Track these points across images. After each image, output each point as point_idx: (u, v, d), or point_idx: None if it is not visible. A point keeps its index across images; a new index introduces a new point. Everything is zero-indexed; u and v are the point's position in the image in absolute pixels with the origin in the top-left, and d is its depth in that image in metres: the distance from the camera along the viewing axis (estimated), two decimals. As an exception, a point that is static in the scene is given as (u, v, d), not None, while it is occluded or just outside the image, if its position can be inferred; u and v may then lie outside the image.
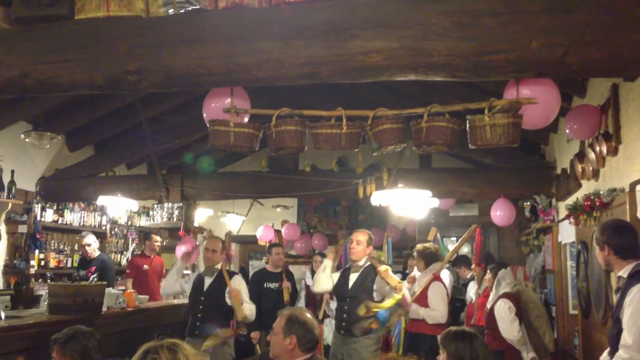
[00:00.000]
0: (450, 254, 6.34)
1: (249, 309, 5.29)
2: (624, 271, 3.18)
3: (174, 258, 8.30)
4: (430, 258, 6.03)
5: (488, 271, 5.82)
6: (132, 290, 6.35)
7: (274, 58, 3.20)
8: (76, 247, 7.82)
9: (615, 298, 3.30)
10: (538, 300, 6.23)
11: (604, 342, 4.54)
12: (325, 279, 5.44)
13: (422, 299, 5.72)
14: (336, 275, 5.46)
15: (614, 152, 4.34)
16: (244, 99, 4.03)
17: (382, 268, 5.14)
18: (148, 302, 6.51)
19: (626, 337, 2.97)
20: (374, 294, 5.16)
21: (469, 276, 7.29)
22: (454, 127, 3.79)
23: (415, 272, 6.41)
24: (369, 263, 5.28)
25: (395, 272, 6.39)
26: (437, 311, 5.64)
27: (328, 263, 5.49)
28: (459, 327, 3.43)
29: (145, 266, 7.71)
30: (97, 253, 7.21)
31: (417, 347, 5.62)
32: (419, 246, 6.31)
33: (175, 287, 5.69)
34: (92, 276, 6.21)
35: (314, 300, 7.48)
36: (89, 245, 7.11)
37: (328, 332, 7.10)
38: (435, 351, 5.17)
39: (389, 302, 4.93)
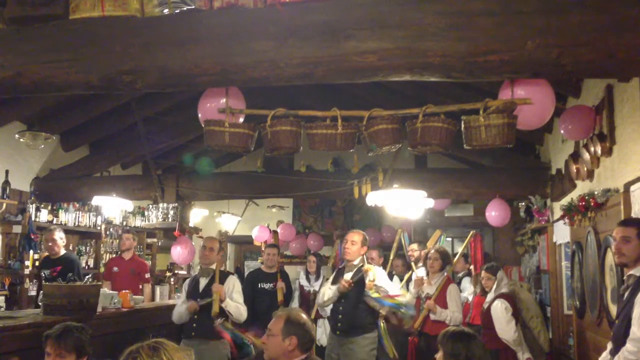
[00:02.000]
0: (456, 260, 6.33)
1: (234, 307, 5.23)
2: (637, 270, 3.20)
3: (169, 258, 8.28)
4: (447, 260, 6.00)
5: (483, 271, 5.83)
6: (127, 291, 6.33)
7: (269, 58, 3.19)
8: (46, 244, 6.74)
9: (624, 296, 3.29)
10: (533, 300, 6.25)
11: (599, 342, 4.57)
12: (330, 297, 5.38)
13: (441, 301, 5.68)
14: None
15: (608, 152, 4.36)
16: (239, 99, 4.03)
17: (366, 267, 5.17)
18: None
19: (635, 331, 2.99)
20: (367, 297, 5.17)
21: (460, 274, 7.30)
22: (449, 127, 3.80)
23: (417, 273, 6.39)
24: (362, 263, 5.29)
25: (389, 272, 6.41)
26: (457, 312, 5.61)
27: (335, 290, 5.38)
28: (458, 327, 3.44)
29: (115, 268, 7.23)
30: (62, 251, 6.64)
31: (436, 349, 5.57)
32: (437, 247, 6.27)
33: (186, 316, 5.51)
34: (56, 275, 6.08)
35: (308, 301, 7.49)
36: (61, 238, 6.60)
37: (321, 333, 7.11)
38: None
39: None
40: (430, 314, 5.62)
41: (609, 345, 3.39)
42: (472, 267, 7.07)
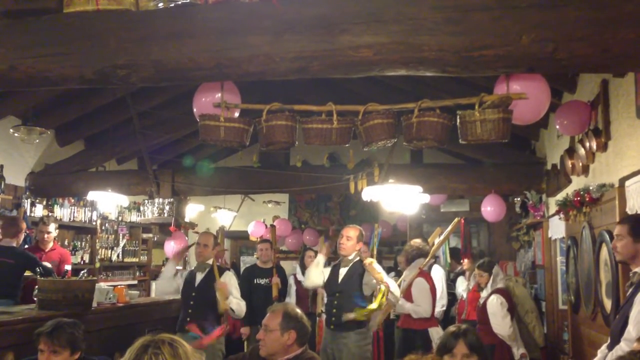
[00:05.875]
0: (434, 249, 6.33)
1: (236, 304, 5.26)
2: None
3: (164, 253, 8.27)
4: (411, 255, 6.03)
5: (476, 268, 5.84)
6: (123, 286, 6.31)
7: (264, 52, 3.18)
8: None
9: (628, 292, 3.29)
10: (528, 295, 6.27)
11: (593, 337, 4.59)
12: (316, 274, 5.43)
13: (407, 295, 5.74)
14: (326, 271, 5.47)
15: (603, 147, 4.37)
16: (234, 94, 4.02)
17: (368, 261, 5.18)
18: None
19: (630, 331, 2.99)
20: (364, 288, 5.19)
21: (457, 269, 7.33)
22: (445, 122, 3.79)
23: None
24: (358, 258, 5.30)
25: (386, 267, 6.42)
26: (421, 306, 5.64)
27: (321, 258, 5.48)
28: (454, 325, 3.46)
29: None
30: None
31: (411, 342, 5.64)
32: (407, 244, 6.33)
33: (169, 288, 5.63)
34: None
35: (305, 296, 7.50)
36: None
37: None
38: (428, 345, 5.25)
39: (375, 305, 4.97)
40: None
41: (609, 339, 3.39)
42: (464, 261, 7.07)
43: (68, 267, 6.67)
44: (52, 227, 6.65)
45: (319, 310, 7.02)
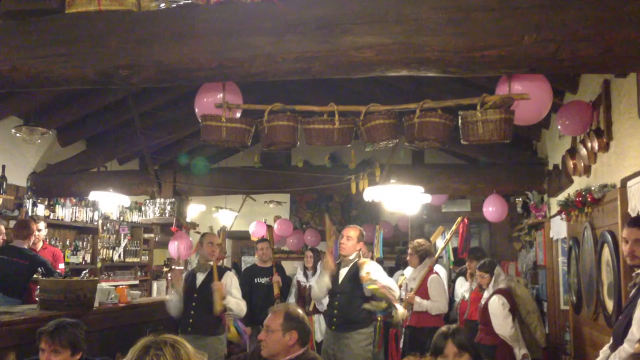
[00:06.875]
0: (441, 248, 6.36)
1: (235, 303, 5.24)
2: None
3: (166, 253, 8.26)
4: (423, 254, 6.05)
5: (477, 270, 5.85)
6: (125, 286, 6.31)
7: (266, 53, 3.18)
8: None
9: (630, 293, 3.26)
10: (529, 296, 6.26)
11: (595, 337, 4.58)
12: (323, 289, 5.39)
13: (422, 293, 5.76)
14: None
15: (605, 148, 4.36)
16: (236, 94, 4.02)
17: (365, 272, 5.15)
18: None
19: (634, 332, 2.98)
20: (364, 289, 5.18)
21: (458, 270, 7.34)
22: (447, 122, 3.79)
23: (407, 270, 6.46)
24: (358, 259, 5.29)
25: (387, 268, 6.42)
26: (439, 302, 5.75)
27: (326, 275, 5.36)
28: (445, 326, 3.46)
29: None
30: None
31: (421, 341, 5.59)
32: (413, 242, 6.33)
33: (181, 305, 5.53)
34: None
35: (304, 297, 7.50)
36: None
37: (317, 328, 7.13)
38: None
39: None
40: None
41: (611, 340, 3.39)
42: (467, 264, 7.07)
43: (62, 266, 6.72)
44: (42, 226, 6.72)
45: (310, 309, 7.04)
